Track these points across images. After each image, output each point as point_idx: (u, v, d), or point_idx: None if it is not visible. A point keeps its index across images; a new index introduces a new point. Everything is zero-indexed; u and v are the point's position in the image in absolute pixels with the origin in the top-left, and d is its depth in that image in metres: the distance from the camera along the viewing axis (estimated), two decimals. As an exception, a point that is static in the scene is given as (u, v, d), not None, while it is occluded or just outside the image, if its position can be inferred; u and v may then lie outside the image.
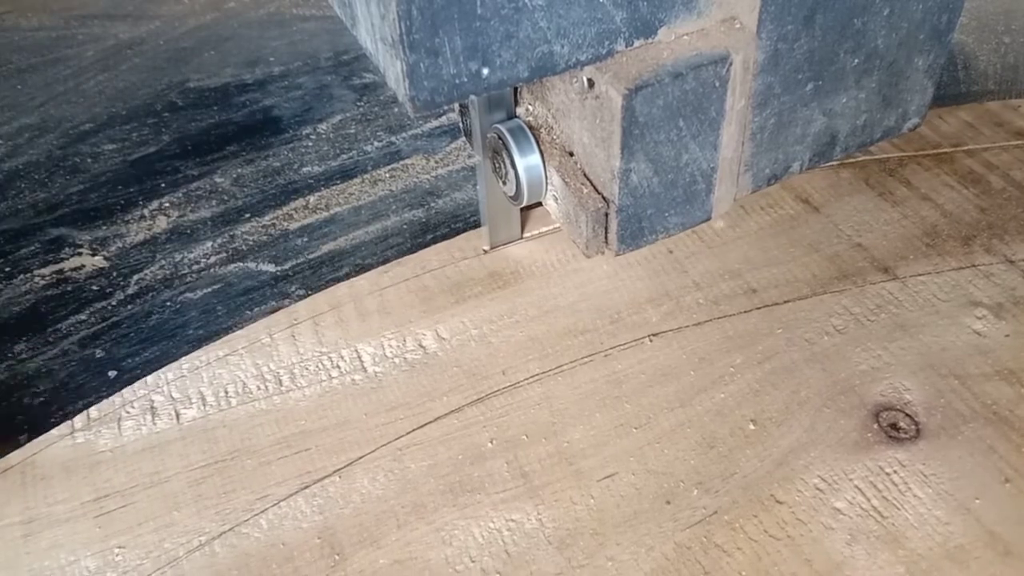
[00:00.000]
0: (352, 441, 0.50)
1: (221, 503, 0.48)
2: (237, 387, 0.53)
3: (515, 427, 0.51)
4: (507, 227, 0.60)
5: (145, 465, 0.50)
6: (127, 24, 0.90)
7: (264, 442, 0.50)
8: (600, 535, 0.46)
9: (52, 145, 0.77)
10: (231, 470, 0.49)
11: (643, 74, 0.41)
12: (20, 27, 0.90)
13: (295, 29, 0.90)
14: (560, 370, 0.53)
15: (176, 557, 0.46)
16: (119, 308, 0.64)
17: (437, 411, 0.52)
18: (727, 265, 0.58)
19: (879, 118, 0.54)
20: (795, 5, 0.44)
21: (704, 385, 0.52)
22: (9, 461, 0.50)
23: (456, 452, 0.50)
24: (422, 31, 0.35)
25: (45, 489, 0.49)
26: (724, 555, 0.45)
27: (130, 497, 0.48)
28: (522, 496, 0.47)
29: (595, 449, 0.49)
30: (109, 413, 0.52)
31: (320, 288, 0.64)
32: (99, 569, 0.45)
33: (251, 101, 0.81)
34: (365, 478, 0.49)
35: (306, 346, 0.55)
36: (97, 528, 0.47)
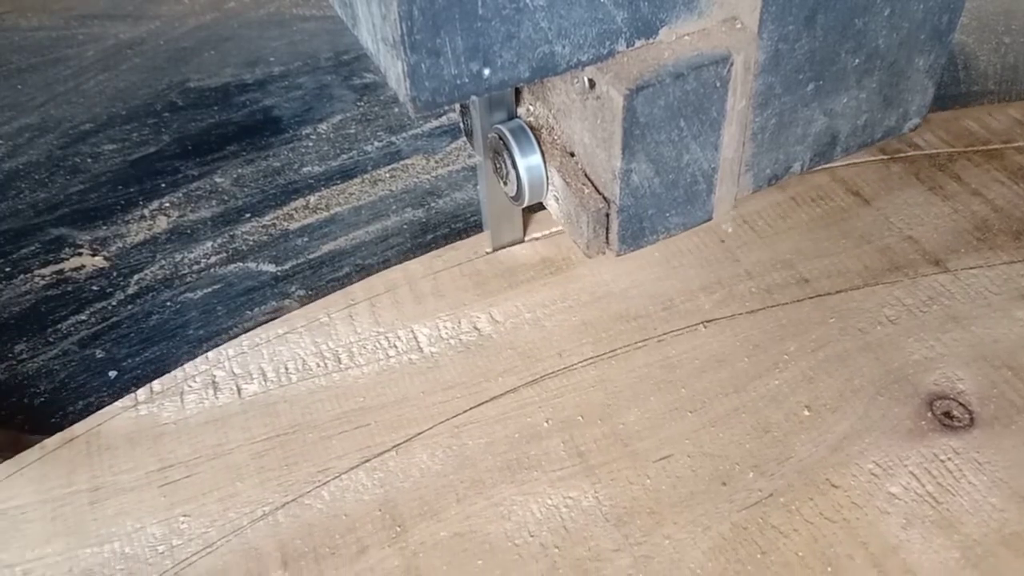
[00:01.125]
0: (410, 418, 0.51)
1: (283, 475, 0.49)
2: (297, 364, 0.54)
3: (570, 408, 0.51)
4: (509, 228, 0.60)
5: (208, 437, 0.51)
6: (127, 24, 0.90)
7: (324, 417, 0.52)
8: (657, 514, 0.47)
9: (52, 145, 0.77)
10: (293, 443, 0.50)
11: (644, 74, 0.41)
12: (20, 27, 0.90)
13: (295, 29, 0.90)
14: (614, 354, 0.54)
15: (240, 526, 0.47)
16: (119, 308, 0.64)
17: (493, 391, 0.52)
18: (779, 255, 0.59)
19: (880, 118, 0.54)
20: (796, 5, 0.44)
21: (758, 372, 0.53)
22: (74, 431, 0.51)
23: (512, 431, 0.50)
24: (423, 31, 0.35)
25: (110, 459, 0.50)
26: (781, 536, 0.45)
27: (194, 468, 0.50)
28: (579, 475, 0.48)
29: (650, 431, 0.50)
30: (171, 387, 0.54)
31: (320, 288, 0.64)
32: (165, 536, 0.47)
33: (251, 101, 0.81)
34: (424, 453, 0.50)
35: (363, 326, 0.56)
36: (162, 497, 0.48)
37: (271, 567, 0.45)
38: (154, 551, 0.46)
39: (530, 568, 0.45)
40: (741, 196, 0.53)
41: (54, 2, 0.93)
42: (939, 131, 0.69)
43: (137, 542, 0.47)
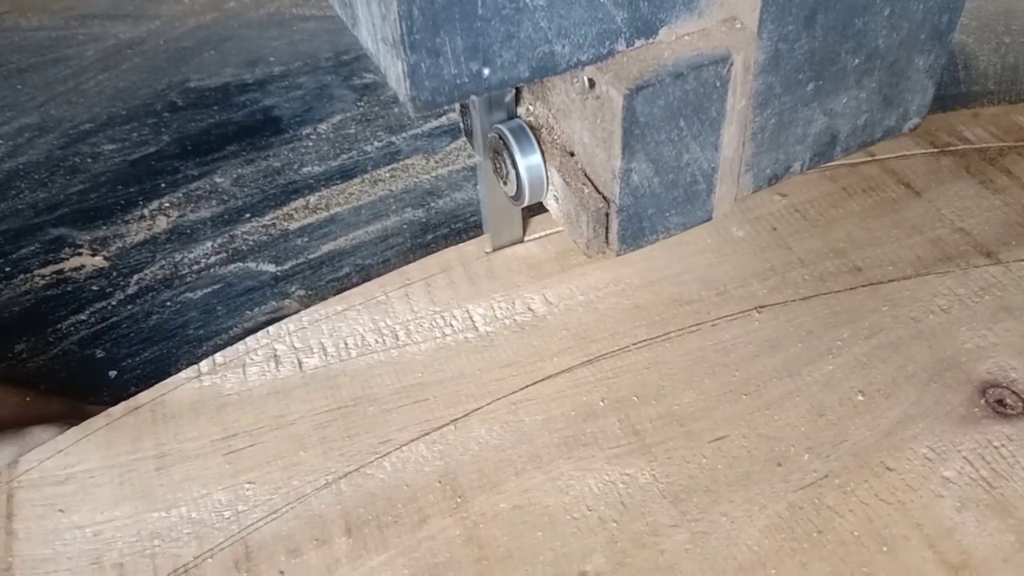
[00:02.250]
0: (468, 394, 0.52)
1: (345, 445, 0.50)
2: (356, 340, 0.55)
3: (625, 388, 0.52)
4: (509, 228, 0.60)
5: (271, 408, 0.52)
6: (127, 24, 0.90)
7: (384, 391, 0.53)
8: (713, 492, 0.47)
9: (52, 145, 0.77)
10: (354, 416, 0.52)
11: (644, 74, 0.41)
12: (20, 27, 0.90)
13: (295, 29, 0.90)
14: (667, 337, 0.55)
15: (304, 494, 0.48)
16: (119, 308, 0.64)
17: (548, 370, 0.53)
18: (831, 244, 0.60)
19: (880, 118, 0.54)
20: (796, 5, 0.44)
21: (812, 357, 0.53)
22: (139, 400, 0.53)
23: (568, 409, 0.51)
24: (423, 31, 0.35)
25: (175, 427, 0.51)
26: (836, 516, 0.46)
27: (257, 437, 0.51)
28: (635, 452, 0.49)
29: (705, 412, 0.51)
30: (234, 359, 0.55)
31: (320, 288, 0.64)
32: (230, 502, 0.48)
33: (251, 101, 0.81)
34: (482, 428, 0.51)
35: (420, 304, 0.57)
36: (227, 464, 0.50)
37: (335, 534, 0.47)
38: (220, 516, 0.47)
39: (589, 541, 0.46)
40: (741, 196, 0.53)
41: (54, 2, 0.93)
42: (989, 126, 0.70)
43: (204, 507, 0.48)
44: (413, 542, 0.46)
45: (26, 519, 0.48)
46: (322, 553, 0.46)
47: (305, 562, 0.45)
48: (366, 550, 0.46)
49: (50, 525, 0.47)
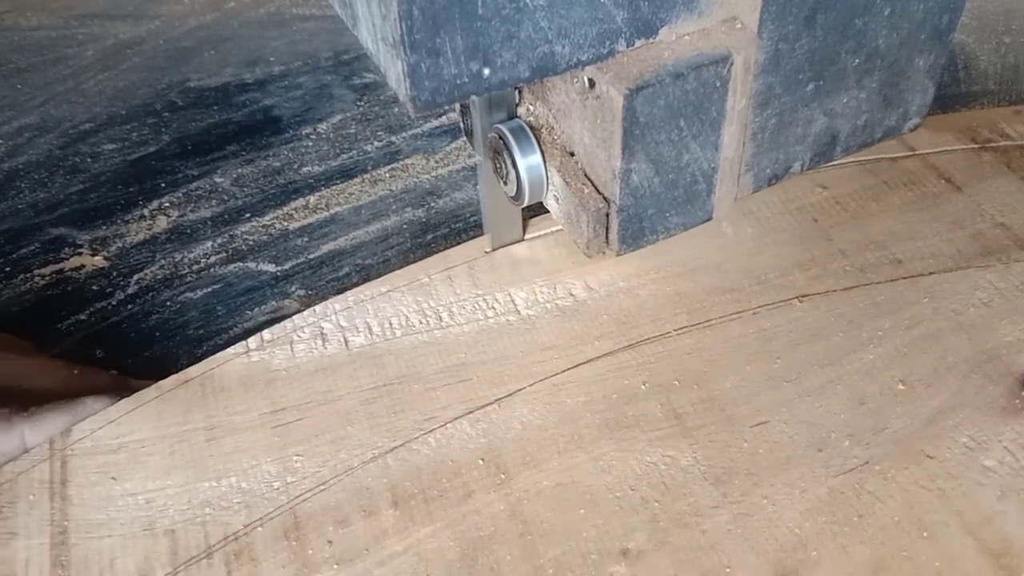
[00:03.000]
0: (510, 375, 0.53)
1: (391, 421, 0.51)
2: (400, 320, 0.56)
3: (666, 373, 0.53)
4: (509, 228, 0.60)
5: (318, 384, 0.53)
6: (127, 24, 0.90)
7: (428, 370, 0.54)
8: (755, 475, 0.48)
9: (52, 145, 0.77)
10: (399, 393, 0.53)
11: (644, 74, 0.41)
12: (20, 27, 0.90)
13: (295, 29, 0.90)
14: (709, 324, 0.55)
15: (351, 467, 0.49)
16: (119, 308, 0.64)
17: (589, 353, 0.54)
18: (871, 236, 0.60)
19: (880, 118, 0.54)
20: (796, 5, 0.44)
21: (853, 346, 0.54)
22: (188, 374, 0.54)
23: (610, 391, 0.52)
24: (423, 31, 0.35)
25: (225, 400, 0.52)
26: (877, 501, 0.47)
27: (305, 412, 0.52)
28: (676, 435, 0.50)
29: (746, 398, 0.51)
30: (281, 336, 0.56)
31: (320, 288, 0.64)
32: (279, 474, 0.49)
33: (251, 101, 0.81)
34: (525, 408, 0.52)
35: (462, 287, 0.58)
36: (276, 437, 0.51)
37: (382, 505, 0.47)
38: (270, 487, 0.49)
39: (631, 519, 0.47)
40: (741, 196, 0.53)
41: (54, 2, 0.93)
42: (1032, 123, 0.71)
43: (253, 478, 0.49)
44: (458, 515, 0.47)
45: (80, 486, 0.49)
46: (369, 524, 0.47)
47: (353, 532, 0.47)
48: (412, 522, 0.47)
49: (103, 492, 0.49)
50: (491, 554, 0.46)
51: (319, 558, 0.46)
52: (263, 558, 0.46)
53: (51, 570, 0.46)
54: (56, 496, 0.49)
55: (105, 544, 0.47)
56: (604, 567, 0.45)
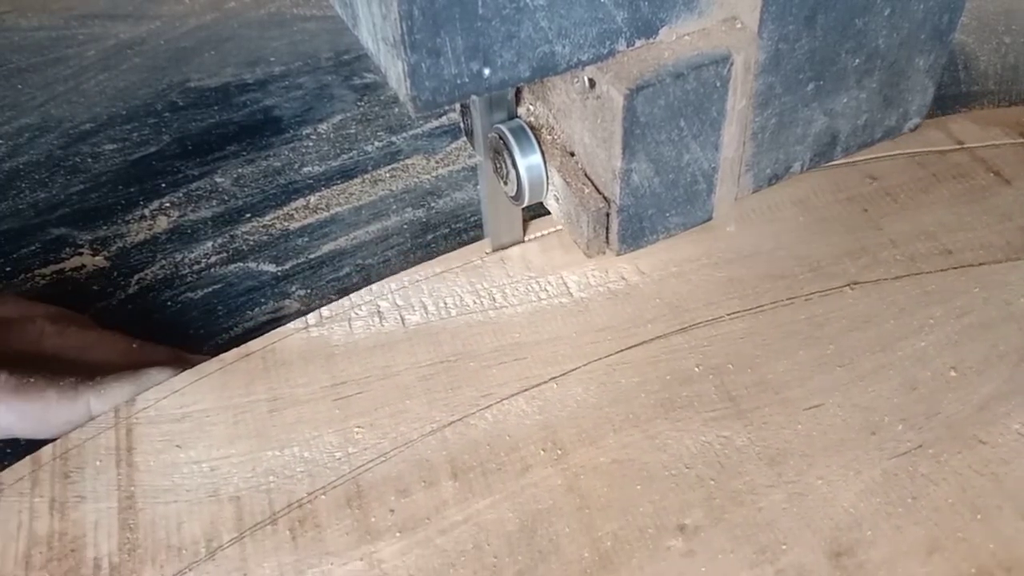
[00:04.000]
0: (564, 355, 0.54)
1: (449, 397, 0.52)
2: (455, 300, 0.57)
3: (720, 356, 0.53)
4: (509, 228, 0.60)
5: (376, 360, 0.54)
6: (127, 24, 0.90)
7: (483, 349, 0.54)
8: (809, 456, 0.49)
9: (52, 145, 0.77)
10: (455, 370, 0.53)
11: (644, 74, 0.41)
12: (20, 27, 0.90)
13: (295, 29, 0.90)
14: (761, 309, 0.56)
15: (411, 439, 0.50)
16: (119, 308, 0.64)
17: (642, 336, 0.55)
18: (921, 227, 0.61)
19: (880, 118, 0.54)
20: (796, 5, 0.44)
21: (904, 333, 0.54)
22: (250, 348, 0.55)
23: (664, 373, 0.53)
24: (423, 31, 0.35)
25: (286, 373, 0.53)
26: (930, 484, 0.47)
27: (365, 386, 0.53)
28: (730, 416, 0.50)
29: (800, 382, 0.52)
30: (339, 313, 0.57)
31: (321, 288, 0.64)
32: (340, 444, 0.50)
33: (251, 101, 0.81)
34: (579, 387, 0.52)
35: (515, 270, 0.59)
36: (336, 410, 0.52)
37: (442, 477, 0.48)
38: (332, 457, 0.50)
39: (688, 496, 0.47)
40: (741, 196, 0.53)
41: (54, 2, 0.93)
42: (1081, 117, 0.71)
43: (315, 448, 0.50)
44: (516, 488, 0.48)
45: (145, 453, 0.50)
46: (430, 494, 0.48)
47: (414, 502, 0.48)
48: (472, 493, 0.48)
49: (168, 459, 0.50)
50: (550, 526, 0.47)
51: (382, 526, 0.47)
52: (327, 525, 0.47)
53: (119, 533, 0.47)
54: (122, 462, 0.50)
55: (171, 509, 0.48)
56: (661, 541, 0.46)
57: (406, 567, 0.45)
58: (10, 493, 0.49)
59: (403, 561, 0.46)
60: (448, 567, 0.45)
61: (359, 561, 0.46)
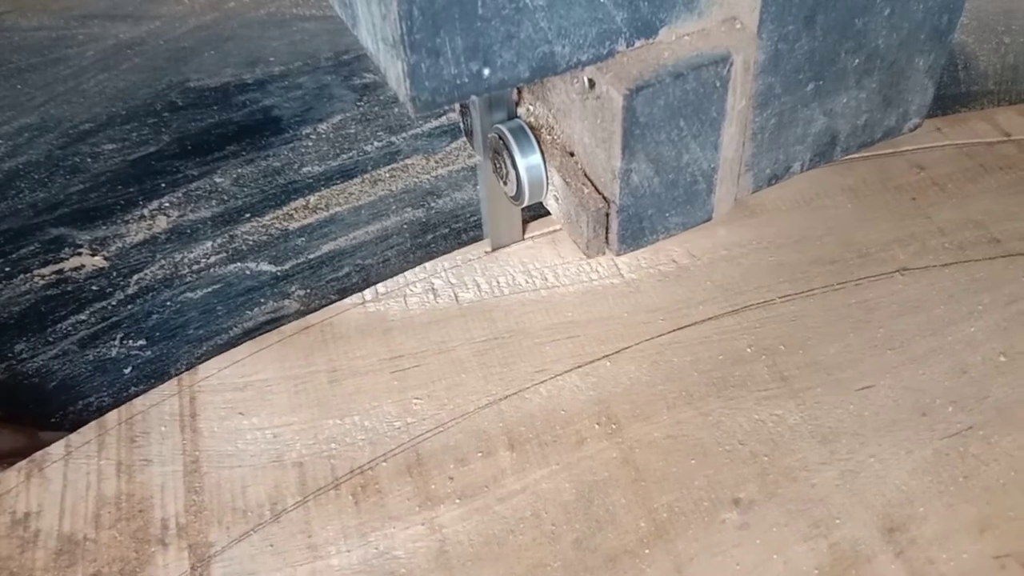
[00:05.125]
0: (617, 334, 0.55)
1: (504, 371, 0.54)
2: (507, 279, 0.59)
3: (771, 337, 0.55)
4: (508, 228, 0.60)
5: (432, 335, 0.56)
6: (127, 24, 0.90)
7: (536, 326, 0.56)
8: (861, 436, 0.50)
9: (52, 145, 0.77)
10: (510, 346, 0.55)
11: (644, 74, 0.41)
12: (20, 27, 0.90)
13: (295, 29, 0.90)
14: (811, 293, 0.57)
15: (468, 411, 0.52)
16: (119, 308, 0.64)
17: (694, 317, 0.56)
18: (969, 216, 0.62)
19: (880, 118, 0.54)
20: (796, 5, 0.44)
21: (954, 319, 0.56)
22: (308, 321, 0.57)
23: (716, 353, 0.54)
24: (423, 31, 0.35)
25: (345, 346, 0.55)
26: (981, 464, 0.48)
27: (421, 359, 0.54)
28: (782, 396, 0.52)
29: (851, 364, 0.53)
30: (394, 290, 0.59)
31: (320, 288, 0.64)
32: (399, 415, 0.52)
33: (251, 101, 0.81)
34: (632, 365, 0.54)
35: (566, 251, 0.60)
36: (395, 381, 0.53)
37: (499, 448, 0.50)
38: (391, 426, 0.51)
39: (742, 471, 0.49)
40: (741, 196, 0.53)
41: (54, 2, 0.93)
42: None
43: (375, 417, 0.52)
44: (573, 460, 0.49)
45: (209, 419, 0.52)
46: (488, 464, 0.49)
47: (472, 471, 0.49)
48: (528, 464, 0.49)
49: (232, 426, 0.51)
50: (606, 497, 0.48)
51: (442, 492, 0.48)
52: (388, 490, 0.48)
53: (186, 495, 0.49)
54: (187, 428, 0.51)
55: (236, 473, 0.49)
56: (716, 514, 0.47)
57: (466, 532, 0.47)
58: (78, 456, 0.50)
59: (463, 527, 0.47)
60: (507, 533, 0.47)
61: (420, 526, 0.47)
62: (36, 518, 0.48)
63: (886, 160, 0.65)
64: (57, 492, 0.49)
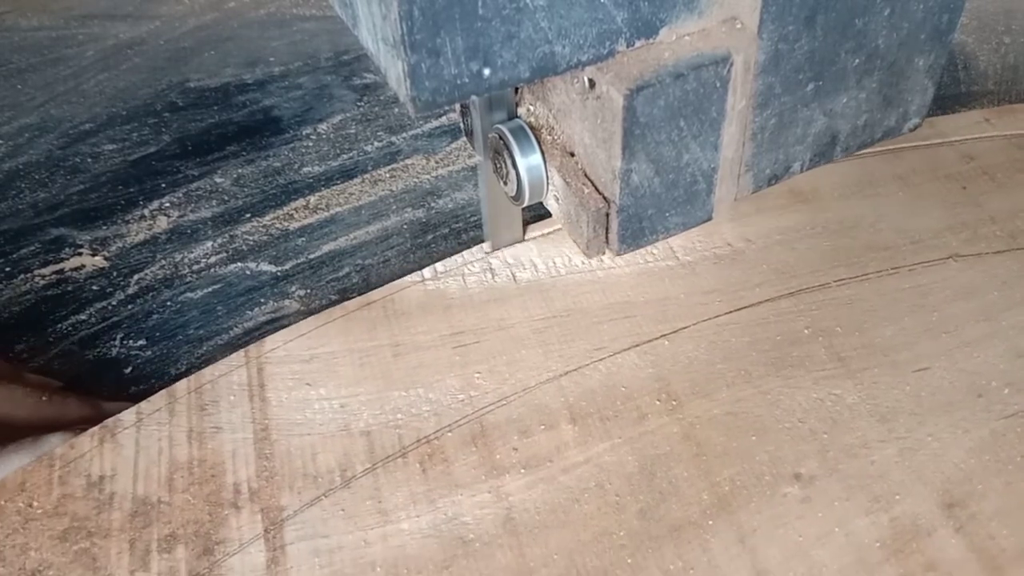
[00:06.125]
0: (674, 314, 0.56)
1: (563, 348, 0.55)
2: (563, 260, 0.60)
3: (828, 320, 0.56)
4: (509, 228, 0.60)
5: (491, 312, 0.57)
6: (127, 24, 0.90)
7: (594, 305, 0.57)
8: (918, 415, 0.51)
9: (52, 145, 0.77)
10: (568, 324, 0.56)
11: (644, 74, 0.41)
12: (20, 27, 0.90)
13: (295, 29, 0.90)
14: (866, 277, 0.58)
15: (528, 386, 0.53)
16: (119, 308, 0.64)
17: (750, 299, 0.57)
18: (1020, 205, 0.63)
19: (880, 118, 0.54)
20: (796, 5, 0.44)
21: (1008, 304, 0.56)
22: (370, 297, 0.58)
23: (774, 334, 0.55)
24: (423, 31, 0.35)
25: (406, 322, 0.56)
26: None
27: (482, 336, 0.56)
28: (840, 376, 0.53)
29: (907, 346, 0.54)
30: (453, 269, 0.60)
31: (320, 288, 0.64)
32: (462, 388, 0.53)
33: (251, 101, 0.81)
34: (690, 344, 0.55)
35: None
36: (456, 356, 0.55)
37: (561, 421, 0.51)
38: (455, 399, 0.53)
39: (802, 447, 0.50)
40: (741, 196, 0.53)
41: (54, 2, 0.93)
42: None
43: (439, 390, 0.53)
44: (634, 434, 0.50)
45: (277, 389, 0.53)
46: (550, 436, 0.51)
47: (536, 442, 0.50)
48: (591, 437, 0.50)
49: (300, 396, 0.53)
50: (668, 470, 0.49)
51: (507, 462, 0.50)
52: (454, 459, 0.50)
53: (256, 461, 0.50)
54: (255, 398, 0.53)
55: (305, 441, 0.51)
56: (778, 488, 0.48)
57: (532, 500, 0.48)
58: (148, 423, 0.52)
59: (529, 495, 0.48)
60: (572, 502, 0.48)
61: (487, 493, 0.49)
62: (110, 481, 0.49)
63: (935, 150, 0.66)
64: (130, 457, 0.50)
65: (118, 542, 0.47)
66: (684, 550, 0.46)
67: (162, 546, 0.47)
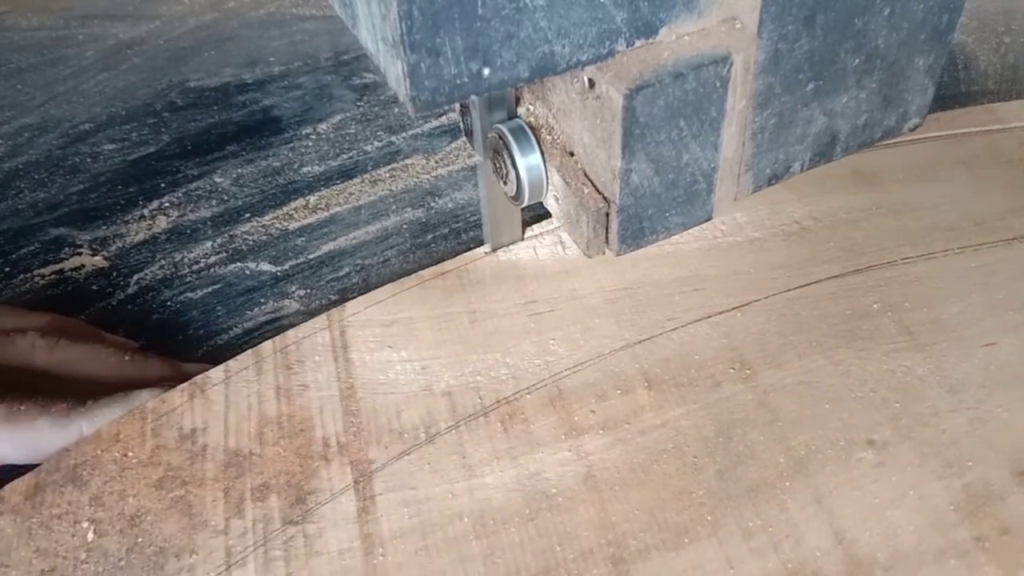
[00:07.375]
0: (744, 287, 0.58)
1: (635, 318, 0.56)
2: None
3: (896, 296, 0.57)
4: (508, 228, 0.60)
5: (564, 283, 0.58)
6: (127, 24, 0.90)
7: (664, 278, 0.58)
8: (987, 388, 0.52)
9: (52, 145, 0.77)
10: (639, 295, 0.57)
11: (644, 74, 0.41)
12: (20, 27, 0.90)
13: (295, 29, 0.90)
14: (932, 256, 0.59)
15: (603, 353, 0.54)
16: (119, 308, 0.64)
17: (819, 275, 0.58)
18: None
19: (880, 118, 0.54)
20: (796, 5, 0.44)
21: None
22: (444, 267, 0.60)
23: (843, 307, 0.56)
24: (423, 31, 0.35)
25: (481, 290, 0.58)
26: None
27: (555, 305, 0.57)
28: (909, 349, 0.54)
29: (974, 322, 0.56)
30: (524, 244, 0.61)
31: (320, 288, 0.64)
32: (539, 353, 0.55)
33: (251, 101, 0.81)
34: (761, 316, 0.56)
35: None
36: (532, 324, 0.56)
37: (636, 386, 0.53)
38: (532, 363, 0.54)
39: (874, 416, 0.51)
40: (741, 196, 0.53)
41: (54, 2, 0.93)
42: None
43: (516, 355, 0.55)
44: (710, 400, 0.52)
45: (360, 351, 0.55)
46: (627, 400, 0.52)
47: (612, 406, 0.52)
48: (667, 402, 0.52)
49: (382, 357, 0.55)
50: (744, 435, 0.50)
51: (585, 423, 0.51)
52: (534, 419, 0.51)
53: (343, 417, 0.52)
54: (340, 358, 0.55)
55: (390, 399, 0.53)
56: (852, 453, 0.49)
57: (612, 460, 0.50)
58: (237, 380, 0.54)
59: (608, 455, 0.50)
60: (651, 462, 0.49)
61: (567, 452, 0.50)
62: (202, 434, 0.51)
63: (996, 136, 0.67)
64: (220, 412, 0.52)
65: (212, 491, 0.49)
66: (762, 509, 0.48)
67: (256, 495, 0.49)
